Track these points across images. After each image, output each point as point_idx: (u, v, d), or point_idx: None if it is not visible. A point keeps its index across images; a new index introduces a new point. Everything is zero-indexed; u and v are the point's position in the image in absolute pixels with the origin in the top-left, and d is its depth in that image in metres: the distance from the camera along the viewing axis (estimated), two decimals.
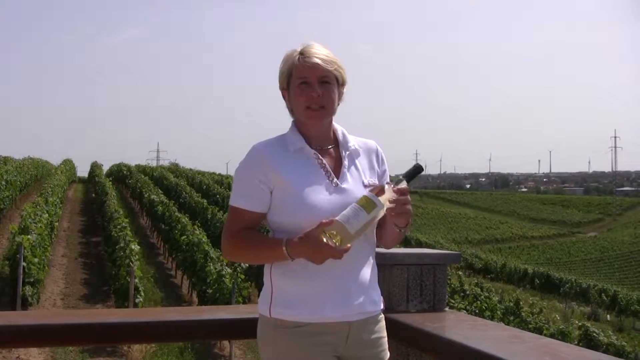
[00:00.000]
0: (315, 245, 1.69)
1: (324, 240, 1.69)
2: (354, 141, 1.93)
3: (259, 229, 1.90)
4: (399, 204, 1.75)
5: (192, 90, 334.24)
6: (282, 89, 1.91)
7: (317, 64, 1.81)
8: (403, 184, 1.79)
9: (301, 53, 1.85)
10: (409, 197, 1.77)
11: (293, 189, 1.79)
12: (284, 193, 1.80)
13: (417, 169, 1.82)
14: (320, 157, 1.86)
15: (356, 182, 1.86)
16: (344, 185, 1.83)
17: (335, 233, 1.69)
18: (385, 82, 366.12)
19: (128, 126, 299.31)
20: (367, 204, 1.71)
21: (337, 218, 1.70)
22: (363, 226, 1.71)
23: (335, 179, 1.84)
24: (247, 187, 1.83)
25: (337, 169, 1.87)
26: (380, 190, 1.75)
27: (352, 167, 1.89)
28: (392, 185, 1.77)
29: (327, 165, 1.86)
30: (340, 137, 1.92)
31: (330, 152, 1.90)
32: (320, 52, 1.84)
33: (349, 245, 1.71)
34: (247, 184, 1.83)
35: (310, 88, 1.82)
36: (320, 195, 1.79)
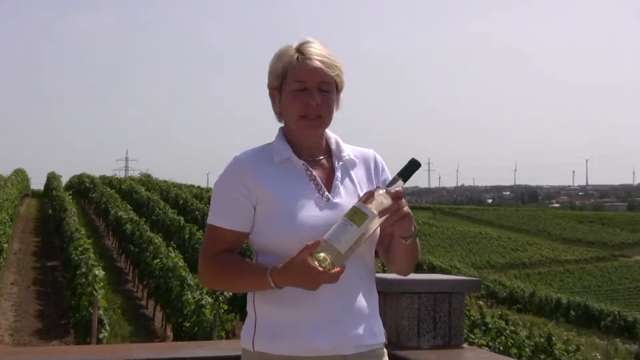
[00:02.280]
0: (303, 270, 1.70)
1: (312, 264, 1.69)
2: (349, 150, 1.96)
3: (240, 251, 1.92)
4: (394, 210, 1.75)
5: (167, 91, 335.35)
6: (272, 88, 1.93)
7: (319, 68, 1.84)
8: (398, 185, 1.80)
9: (300, 52, 1.86)
10: (404, 200, 1.78)
11: (278, 205, 1.82)
12: (268, 209, 1.83)
13: (413, 165, 1.82)
14: (310, 168, 1.89)
15: (351, 196, 1.88)
16: (336, 200, 1.85)
17: (324, 255, 1.70)
18: (392, 80, 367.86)
19: (92, 131, 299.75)
20: (356, 215, 1.73)
21: (324, 238, 1.72)
22: (355, 242, 1.72)
23: (326, 193, 1.86)
24: (227, 202, 1.86)
25: (330, 181, 1.90)
26: (369, 197, 1.75)
27: (347, 180, 1.92)
28: (384, 189, 1.77)
29: (318, 178, 1.88)
30: (333, 146, 1.95)
31: (321, 163, 1.93)
32: (322, 54, 1.86)
33: (343, 265, 1.72)
34: (227, 198, 1.86)
35: (308, 95, 1.84)
36: (310, 212, 1.81)
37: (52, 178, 35.27)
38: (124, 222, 18.79)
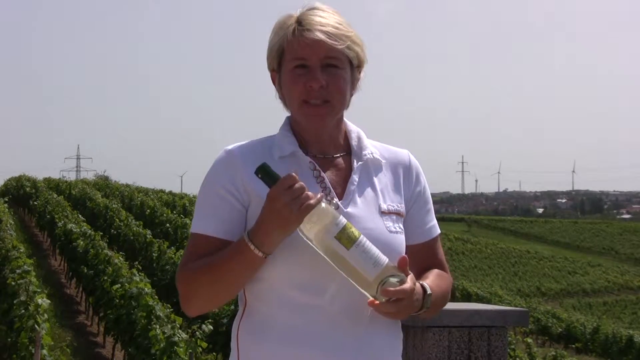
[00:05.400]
0: (274, 201, 1.72)
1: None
2: (373, 148, 1.97)
3: None
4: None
5: (129, 71, 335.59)
6: (271, 70, 1.96)
7: (320, 40, 1.85)
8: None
9: (299, 22, 1.88)
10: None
11: None
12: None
13: (262, 171, 1.77)
14: (319, 167, 1.90)
15: (369, 205, 1.89)
16: (349, 209, 1.86)
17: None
18: (414, 58, 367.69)
19: (33, 122, 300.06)
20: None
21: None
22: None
23: (335, 200, 1.87)
24: (210, 203, 1.88)
25: (344, 186, 1.91)
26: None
27: (366, 185, 1.92)
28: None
29: (327, 180, 1.89)
30: (354, 142, 1.96)
31: (336, 162, 1.94)
32: (326, 21, 1.87)
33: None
34: (210, 198, 1.88)
35: (309, 74, 1.86)
36: None
37: None
38: (74, 237, 18.80)
